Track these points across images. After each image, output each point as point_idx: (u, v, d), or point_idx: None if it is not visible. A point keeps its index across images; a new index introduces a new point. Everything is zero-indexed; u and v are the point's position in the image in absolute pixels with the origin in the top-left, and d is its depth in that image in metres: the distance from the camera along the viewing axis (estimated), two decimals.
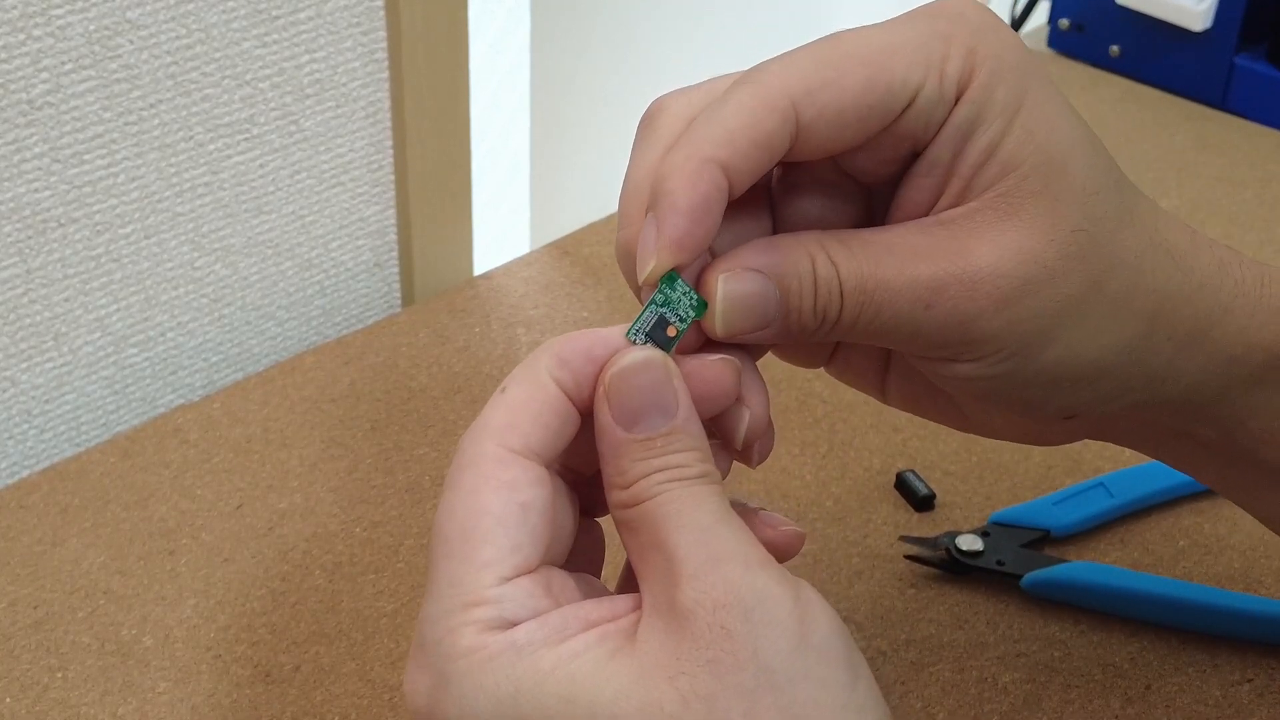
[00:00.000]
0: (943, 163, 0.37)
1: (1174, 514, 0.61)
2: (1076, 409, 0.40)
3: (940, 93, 0.36)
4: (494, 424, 0.36)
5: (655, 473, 0.35)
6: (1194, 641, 0.55)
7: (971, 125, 0.36)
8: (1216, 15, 0.91)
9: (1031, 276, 0.36)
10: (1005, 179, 0.37)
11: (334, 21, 0.69)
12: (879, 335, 0.38)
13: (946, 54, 0.36)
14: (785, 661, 0.33)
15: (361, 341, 0.71)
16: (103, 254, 0.65)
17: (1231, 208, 0.83)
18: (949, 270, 0.36)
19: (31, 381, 0.66)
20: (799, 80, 0.36)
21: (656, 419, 0.35)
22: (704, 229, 0.35)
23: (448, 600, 0.34)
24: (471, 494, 0.35)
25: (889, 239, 0.37)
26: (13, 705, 0.52)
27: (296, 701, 0.52)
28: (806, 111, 0.35)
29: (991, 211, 0.37)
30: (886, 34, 0.36)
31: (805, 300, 0.37)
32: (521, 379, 0.37)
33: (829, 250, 0.37)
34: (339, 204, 0.74)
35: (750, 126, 0.35)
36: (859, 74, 0.36)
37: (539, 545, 0.35)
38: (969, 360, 0.38)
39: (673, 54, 1.15)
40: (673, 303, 0.37)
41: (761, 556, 0.34)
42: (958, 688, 0.53)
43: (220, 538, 0.59)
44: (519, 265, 0.77)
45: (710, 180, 0.35)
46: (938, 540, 0.58)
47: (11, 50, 0.59)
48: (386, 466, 0.63)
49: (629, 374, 0.36)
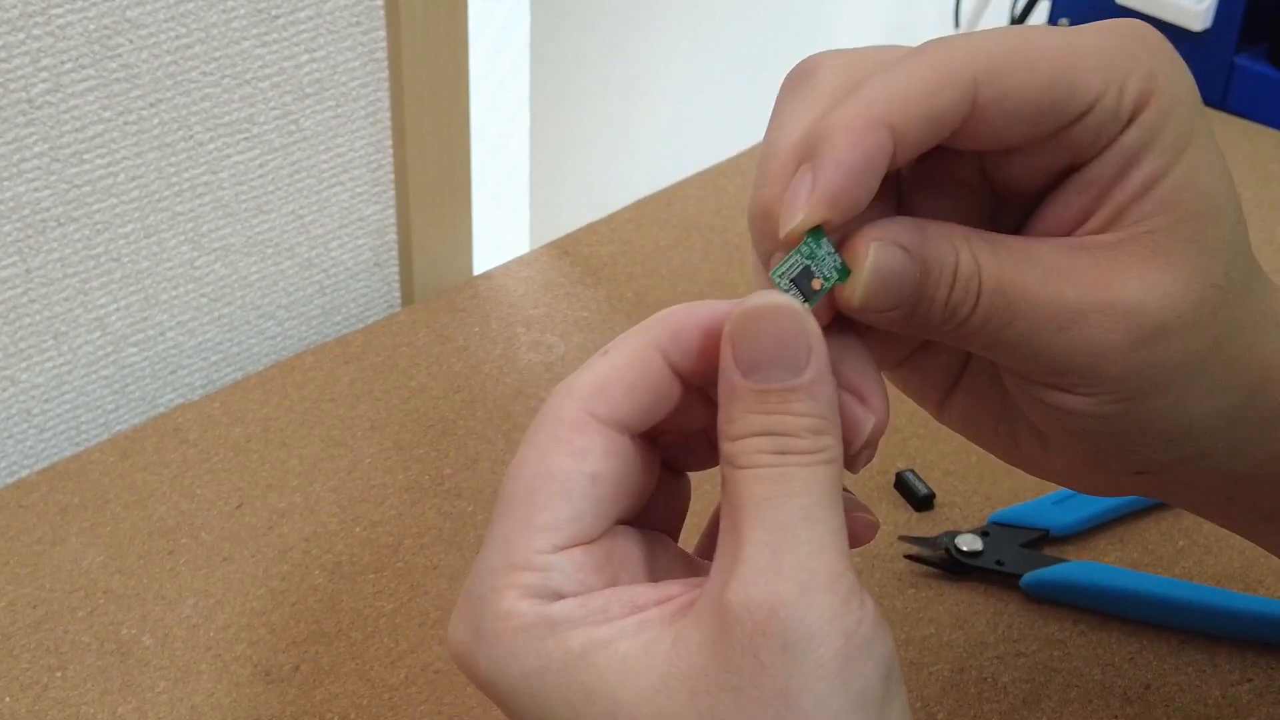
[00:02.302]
0: (1101, 183, 0.36)
1: (1174, 514, 0.61)
2: (1156, 466, 0.39)
3: (1117, 109, 0.35)
4: (583, 386, 0.35)
5: (762, 435, 0.33)
6: (1194, 641, 0.55)
7: (1139, 152, 0.35)
8: (1216, 15, 0.91)
9: (1169, 322, 0.35)
10: (1159, 216, 0.35)
11: (334, 21, 0.69)
12: (1002, 347, 0.36)
13: (1130, 71, 0.35)
14: (816, 705, 0.31)
15: (361, 341, 0.71)
16: (102, 253, 0.65)
17: None
18: (1093, 297, 0.35)
19: (31, 381, 0.66)
20: (985, 59, 0.34)
21: (780, 371, 0.33)
22: (862, 190, 0.33)
23: (498, 558, 0.34)
24: (543, 455, 0.34)
25: (1033, 251, 0.36)
26: (12, 704, 0.52)
27: (296, 701, 0.52)
28: (986, 91, 0.34)
29: (1139, 247, 0.35)
30: (1075, 36, 0.35)
31: (941, 290, 0.35)
32: (627, 346, 0.35)
33: (974, 247, 0.35)
34: (339, 203, 0.74)
35: (929, 95, 0.34)
36: (1046, 67, 0.34)
37: (602, 518, 0.34)
38: (1082, 394, 0.36)
39: (672, 54, 1.15)
40: (818, 259, 0.34)
41: (830, 577, 0.32)
42: (957, 687, 0.53)
43: (220, 537, 0.59)
44: (519, 265, 0.77)
45: (877, 142, 0.33)
46: (937, 540, 0.58)
47: (11, 49, 0.59)
48: (386, 466, 0.63)
49: (761, 316, 0.33)
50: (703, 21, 1.17)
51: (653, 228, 0.79)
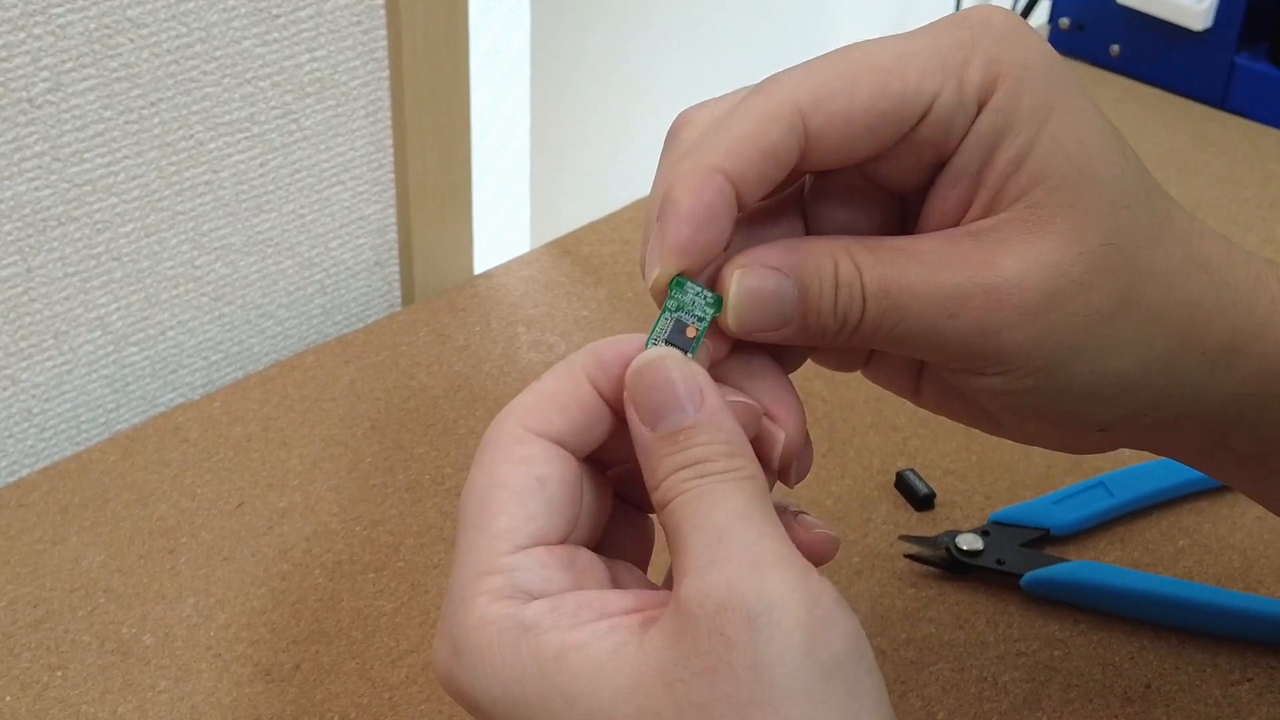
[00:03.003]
0: (969, 173, 0.37)
1: (1174, 513, 0.61)
2: (1109, 422, 0.40)
3: (960, 100, 0.36)
4: (518, 407, 0.37)
5: (679, 470, 0.35)
6: (1194, 641, 0.55)
7: (998, 134, 0.36)
8: (1217, 15, 0.91)
9: (1057, 290, 0.36)
10: (1035, 190, 0.36)
11: (334, 20, 0.69)
12: (902, 343, 0.37)
13: (967, 61, 0.36)
14: (787, 675, 0.32)
15: (361, 340, 0.71)
16: (103, 252, 0.65)
17: (1231, 207, 0.83)
18: (974, 280, 0.36)
19: (32, 380, 0.66)
20: (807, 89, 0.35)
21: (675, 415, 0.35)
22: (706, 235, 0.35)
23: (465, 570, 0.35)
24: (490, 469, 0.36)
25: (916, 247, 0.37)
26: (13, 704, 0.52)
27: (296, 700, 0.52)
28: (814, 119, 0.35)
29: (1020, 223, 0.36)
30: (903, 43, 0.36)
31: (825, 301, 0.37)
32: (557, 372, 0.37)
33: (853, 254, 0.37)
34: (339, 203, 0.74)
35: (756, 135, 0.35)
36: (870, 81, 0.35)
37: (557, 519, 0.36)
38: (994, 374, 0.37)
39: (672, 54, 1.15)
40: (686, 305, 0.37)
41: (778, 557, 0.33)
42: (957, 687, 0.53)
43: (220, 536, 0.59)
44: (519, 264, 0.77)
45: (714, 188, 0.35)
46: (938, 539, 0.58)
47: (12, 49, 0.59)
48: (386, 465, 0.63)
49: (647, 371, 0.36)
50: (703, 21, 1.17)
51: None
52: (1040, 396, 0.38)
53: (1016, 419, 0.41)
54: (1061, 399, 0.38)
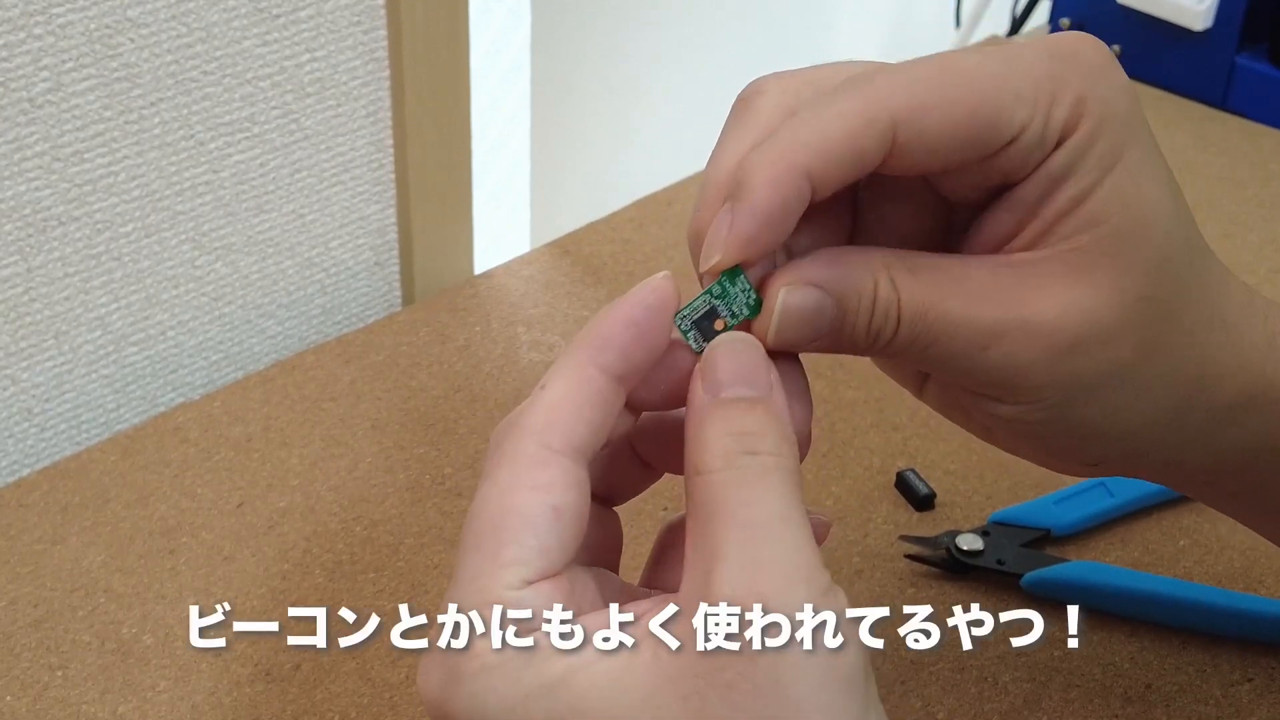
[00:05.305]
0: (1029, 203, 0.37)
1: (1174, 513, 0.61)
2: (1104, 460, 0.40)
3: (1043, 137, 0.36)
4: (534, 421, 0.35)
5: (730, 435, 0.34)
6: (1194, 641, 0.55)
7: (1065, 174, 0.36)
8: (1217, 15, 0.91)
9: (1088, 336, 0.36)
10: (1084, 234, 0.36)
11: (335, 20, 0.69)
12: (927, 364, 0.38)
13: (1056, 95, 0.36)
14: (810, 694, 0.31)
15: (362, 340, 0.71)
16: (103, 252, 0.65)
17: (1231, 207, 0.83)
18: (1010, 317, 0.36)
19: (32, 380, 0.66)
20: (903, 99, 0.35)
21: (743, 386, 0.35)
22: (776, 234, 0.35)
23: (468, 595, 0.34)
24: (504, 492, 0.35)
25: (958, 271, 0.37)
26: (13, 704, 0.52)
27: (296, 700, 0.52)
28: (905, 131, 0.35)
29: (1062, 264, 0.36)
30: (1000, 62, 0.36)
31: (861, 319, 0.37)
32: (562, 374, 0.36)
33: (894, 273, 0.37)
34: (339, 203, 0.74)
35: (847, 139, 0.35)
36: (966, 101, 0.35)
37: (566, 550, 0.35)
38: (1011, 404, 0.38)
39: (673, 54, 1.15)
40: (729, 297, 0.37)
41: (811, 570, 0.33)
42: (958, 687, 0.53)
43: (220, 536, 0.59)
44: (519, 264, 0.77)
45: (794, 187, 0.35)
46: (938, 540, 0.58)
47: (12, 48, 0.59)
48: (386, 465, 0.63)
49: (728, 346, 0.36)
50: (703, 21, 1.17)
51: (653, 228, 0.79)
52: (1047, 429, 0.38)
53: (1015, 440, 0.41)
54: (1068, 435, 0.39)
